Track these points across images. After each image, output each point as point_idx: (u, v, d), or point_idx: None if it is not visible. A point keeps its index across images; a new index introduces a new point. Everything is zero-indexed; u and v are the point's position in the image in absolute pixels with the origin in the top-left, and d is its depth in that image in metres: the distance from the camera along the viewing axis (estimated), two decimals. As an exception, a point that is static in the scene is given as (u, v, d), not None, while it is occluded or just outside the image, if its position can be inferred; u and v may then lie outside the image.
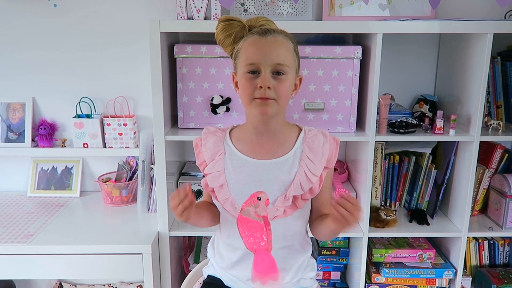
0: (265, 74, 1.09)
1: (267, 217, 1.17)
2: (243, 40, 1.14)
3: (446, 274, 1.82)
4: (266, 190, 1.16)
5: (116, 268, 1.67)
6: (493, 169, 1.88)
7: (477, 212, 1.92)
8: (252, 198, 1.17)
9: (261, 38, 1.11)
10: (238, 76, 1.16)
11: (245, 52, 1.12)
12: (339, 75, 1.65)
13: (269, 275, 1.20)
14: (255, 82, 1.10)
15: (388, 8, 1.85)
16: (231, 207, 1.18)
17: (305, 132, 1.22)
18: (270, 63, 1.10)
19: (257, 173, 1.17)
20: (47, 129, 1.99)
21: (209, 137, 1.24)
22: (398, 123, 1.70)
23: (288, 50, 1.13)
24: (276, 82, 1.10)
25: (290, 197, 1.15)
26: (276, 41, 1.11)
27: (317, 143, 1.19)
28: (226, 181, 1.18)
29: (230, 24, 1.15)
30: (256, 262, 1.20)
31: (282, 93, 1.11)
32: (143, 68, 1.96)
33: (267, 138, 1.19)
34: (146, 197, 1.89)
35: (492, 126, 1.73)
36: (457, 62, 1.79)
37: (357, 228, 1.77)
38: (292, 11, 1.80)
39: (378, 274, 1.85)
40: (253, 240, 1.19)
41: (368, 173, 1.68)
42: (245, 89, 1.12)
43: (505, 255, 2.00)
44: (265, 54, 1.10)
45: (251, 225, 1.18)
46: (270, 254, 1.20)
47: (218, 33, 1.17)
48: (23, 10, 1.93)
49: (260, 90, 1.09)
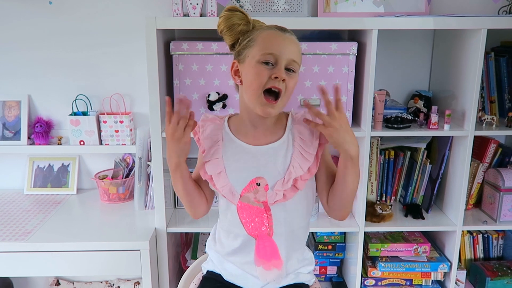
0: (282, 67, 1.11)
1: (267, 202, 1.18)
2: (259, 31, 1.15)
3: (441, 268, 1.85)
4: (264, 176, 1.18)
5: (114, 265, 1.67)
6: (487, 163, 1.90)
7: (471, 206, 1.94)
8: (251, 184, 1.18)
9: (281, 33, 1.14)
10: (246, 64, 1.14)
11: (262, 41, 1.13)
12: (334, 71, 1.66)
13: (272, 260, 1.22)
14: (269, 73, 1.11)
15: (382, 4, 1.86)
16: (230, 194, 1.19)
17: (293, 116, 1.25)
18: (287, 57, 1.12)
19: (255, 159, 1.19)
20: (43, 127, 1.98)
21: (207, 125, 1.25)
22: (394, 118, 1.71)
23: (300, 51, 1.17)
24: (287, 77, 1.12)
25: (290, 180, 1.17)
26: (293, 39, 1.16)
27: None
28: (224, 168, 1.19)
29: (234, 14, 1.16)
30: (258, 247, 1.22)
31: (290, 88, 1.14)
32: (139, 65, 1.96)
33: (261, 129, 1.21)
34: (143, 194, 1.90)
35: (486, 121, 1.75)
36: (451, 57, 1.81)
37: (353, 222, 1.79)
38: (288, 8, 1.81)
39: (374, 268, 1.87)
40: (254, 226, 1.20)
41: (363, 168, 1.69)
42: (256, 78, 1.11)
43: (499, 248, 2.03)
44: (284, 48, 1.12)
45: (251, 211, 1.19)
46: (272, 239, 1.21)
47: (222, 22, 1.17)
48: (18, 8, 1.92)
49: (274, 81, 1.10)
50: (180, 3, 1.66)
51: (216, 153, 1.21)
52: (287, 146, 1.20)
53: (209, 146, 1.22)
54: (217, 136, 1.23)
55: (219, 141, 1.22)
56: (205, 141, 1.23)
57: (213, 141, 1.22)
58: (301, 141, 1.19)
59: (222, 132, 1.24)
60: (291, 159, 1.18)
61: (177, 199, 1.91)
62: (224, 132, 1.23)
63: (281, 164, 1.18)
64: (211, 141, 1.22)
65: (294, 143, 1.19)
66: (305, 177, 1.18)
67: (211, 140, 1.22)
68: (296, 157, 1.18)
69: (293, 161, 1.18)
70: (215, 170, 1.20)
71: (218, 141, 1.22)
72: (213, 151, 1.21)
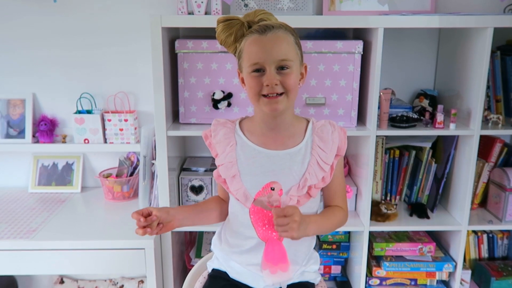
0: (270, 72, 1.11)
1: (280, 207, 1.18)
2: (244, 40, 1.14)
3: (446, 267, 1.84)
4: (279, 180, 1.18)
5: (118, 263, 1.67)
6: (492, 162, 1.89)
7: (476, 205, 1.93)
8: (265, 188, 1.18)
9: (261, 37, 1.11)
10: (244, 74, 1.17)
11: (247, 52, 1.13)
12: (340, 69, 1.65)
13: (279, 264, 1.22)
14: (261, 80, 1.11)
15: (387, 3, 1.86)
16: (243, 197, 1.19)
17: (313, 123, 1.25)
18: (274, 60, 1.11)
19: (270, 163, 1.19)
20: (48, 125, 1.99)
21: (218, 129, 1.25)
22: (399, 117, 1.71)
23: (290, 44, 1.13)
24: (282, 77, 1.12)
25: (305, 187, 1.18)
26: (277, 37, 1.12)
27: (326, 132, 1.22)
28: (238, 171, 1.19)
29: (229, 24, 1.15)
30: (266, 251, 1.21)
31: (290, 85, 1.13)
32: (143, 64, 1.96)
33: (277, 132, 1.20)
34: (147, 193, 1.89)
35: (492, 120, 1.73)
36: (457, 56, 1.80)
37: (358, 222, 1.79)
38: (293, 6, 1.80)
39: (378, 267, 1.86)
40: (266, 230, 1.20)
41: (369, 168, 1.69)
42: (251, 88, 1.14)
43: (504, 248, 2.02)
44: (267, 52, 1.10)
45: (264, 214, 1.19)
46: (282, 244, 1.21)
47: (219, 34, 1.17)
48: (23, 6, 1.93)
49: (267, 88, 1.11)
50: (185, 1, 1.65)
51: (229, 156, 1.20)
52: (305, 152, 1.20)
53: (222, 150, 1.22)
54: (230, 139, 1.22)
55: (232, 145, 1.21)
56: (217, 145, 1.23)
57: (225, 144, 1.22)
58: (320, 150, 1.20)
59: (235, 135, 1.23)
60: (307, 166, 1.19)
61: (182, 198, 1.90)
62: (237, 136, 1.23)
63: (297, 170, 1.19)
64: (224, 144, 1.22)
65: (312, 151, 1.20)
66: (319, 185, 1.20)
67: (223, 143, 1.22)
68: (312, 165, 1.19)
69: (310, 169, 1.19)
70: (229, 174, 1.20)
71: (231, 144, 1.21)
72: (227, 154, 1.21)
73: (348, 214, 1.82)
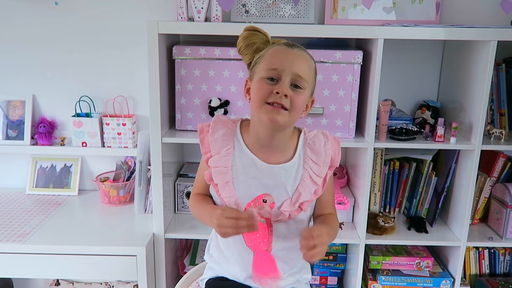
0: (284, 82, 1.08)
1: (270, 219, 1.17)
2: (268, 48, 1.14)
3: (444, 283, 1.80)
4: (272, 194, 1.16)
5: (111, 269, 1.66)
6: (495, 177, 1.84)
7: (477, 221, 1.89)
8: (257, 200, 1.16)
9: (288, 49, 1.12)
10: (253, 81, 1.13)
11: (268, 58, 1.11)
12: (339, 80, 1.62)
13: (269, 275, 1.20)
14: (272, 88, 1.08)
15: (392, 11, 1.82)
16: (234, 205, 1.17)
17: (305, 133, 1.21)
18: (292, 72, 1.08)
19: (265, 176, 1.17)
20: (47, 127, 1.98)
21: (218, 127, 1.20)
22: (398, 129, 1.67)
23: (310, 68, 1.13)
24: (293, 93, 1.09)
25: (298, 202, 1.16)
26: (301, 55, 1.12)
27: (318, 144, 1.19)
28: (232, 178, 1.17)
29: (254, 34, 1.15)
30: (255, 261, 1.20)
31: (297, 104, 1.09)
32: (143, 68, 1.93)
33: (273, 147, 1.17)
34: (143, 198, 1.88)
35: (494, 135, 1.70)
36: (461, 68, 1.76)
37: (354, 234, 1.76)
38: (294, 13, 1.78)
39: (375, 281, 1.83)
40: (254, 240, 1.19)
41: (366, 179, 1.66)
42: (259, 91, 1.09)
43: (505, 265, 1.97)
44: (289, 63, 1.09)
45: None
46: (270, 254, 1.19)
47: (240, 41, 1.16)
48: (24, 8, 1.93)
49: (275, 96, 1.07)
50: (185, 6, 1.64)
51: (225, 161, 1.17)
52: (298, 166, 1.18)
53: (217, 151, 1.18)
54: (228, 141, 1.18)
55: (229, 148, 1.18)
56: (213, 143, 1.18)
57: (223, 146, 1.18)
58: (312, 163, 1.18)
59: (234, 138, 1.19)
60: (300, 181, 1.17)
61: (177, 204, 1.89)
62: (236, 139, 1.19)
63: (291, 185, 1.17)
64: (221, 146, 1.18)
65: (304, 165, 1.18)
66: (311, 199, 1.19)
67: (221, 144, 1.18)
68: (305, 179, 1.17)
69: (303, 183, 1.17)
70: (222, 179, 1.17)
71: (228, 147, 1.18)
72: (222, 157, 1.17)
73: (345, 225, 1.82)
